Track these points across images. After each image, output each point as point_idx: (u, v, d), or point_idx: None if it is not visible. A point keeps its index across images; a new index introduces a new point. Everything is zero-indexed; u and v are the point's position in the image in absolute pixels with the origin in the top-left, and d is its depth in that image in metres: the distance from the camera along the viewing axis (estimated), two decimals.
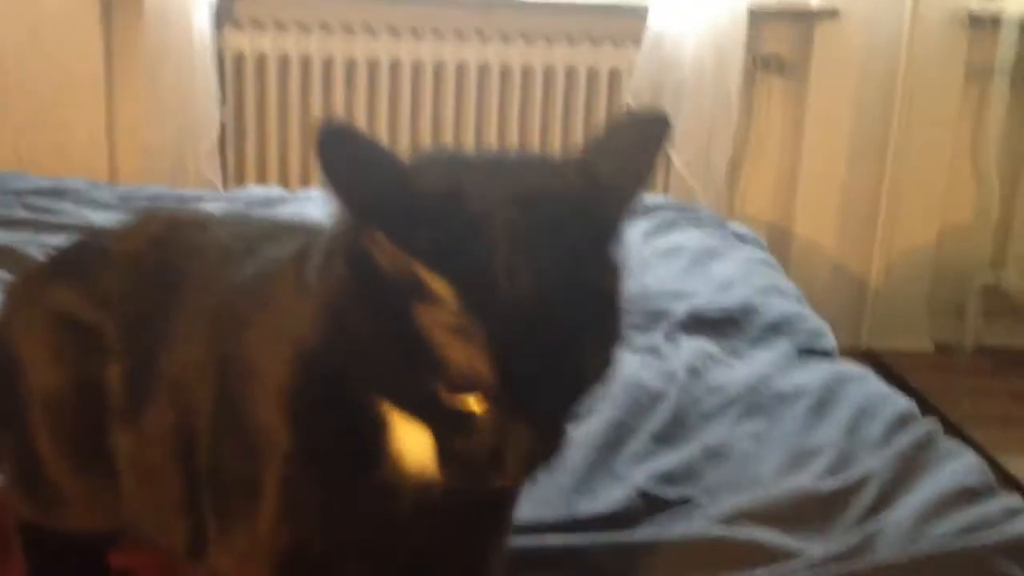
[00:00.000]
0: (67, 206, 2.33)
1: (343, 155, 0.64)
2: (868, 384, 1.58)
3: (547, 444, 0.68)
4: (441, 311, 0.63)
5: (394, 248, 0.64)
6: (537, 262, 0.64)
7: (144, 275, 0.93)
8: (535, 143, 3.19)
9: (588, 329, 0.66)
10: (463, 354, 0.63)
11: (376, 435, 0.72)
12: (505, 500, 0.86)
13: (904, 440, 1.36)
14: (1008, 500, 1.24)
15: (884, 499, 1.25)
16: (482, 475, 0.68)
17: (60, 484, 0.97)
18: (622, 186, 0.70)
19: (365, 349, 0.67)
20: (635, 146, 0.72)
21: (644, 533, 1.18)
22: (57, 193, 2.43)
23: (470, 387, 0.64)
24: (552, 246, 0.65)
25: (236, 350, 0.80)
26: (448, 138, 3.22)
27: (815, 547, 1.15)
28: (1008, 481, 2.37)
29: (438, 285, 0.63)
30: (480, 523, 0.85)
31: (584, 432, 1.42)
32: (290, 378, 0.75)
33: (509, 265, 0.63)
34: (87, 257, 0.98)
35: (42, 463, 0.96)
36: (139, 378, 0.89)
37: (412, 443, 0.71)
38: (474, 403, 0.65)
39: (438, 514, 0.73)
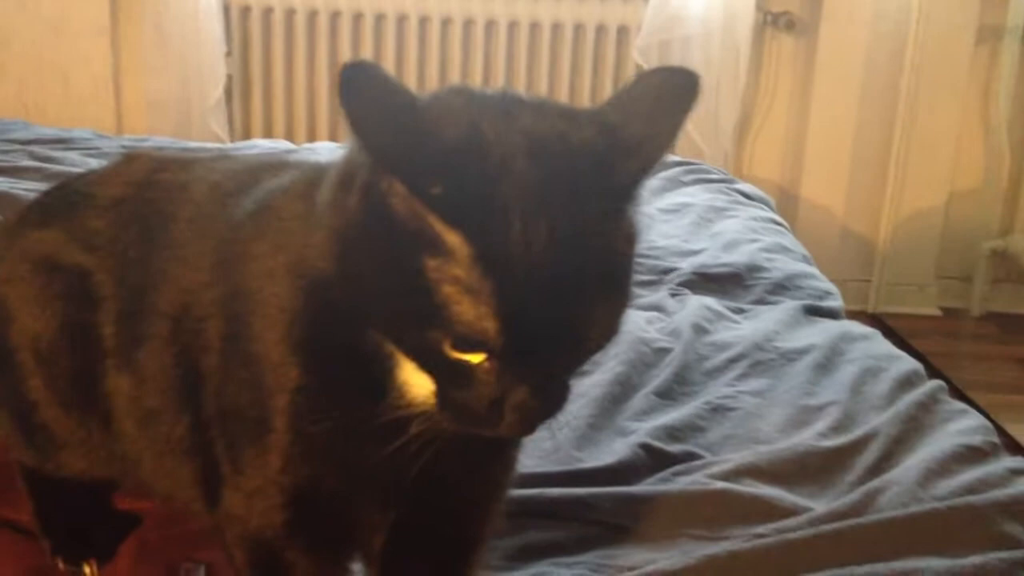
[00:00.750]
0: (73, 155, 2.32)
1: (366, 96, 0.63)
2: (874, 343, 1.57)
3: (547, 402, 0.68)
4: (451, 264, 0.63)
5: (411, 196, 0.63)
6: (552, 222, 0.63)
7: (130, 217, 0.92)
8: None
9: (597, 293, 0.65)
10: (470, 311, 0.63)
11: (382, 365, 0.71)
12: (510, 442, 0.86)
13: (909, 399, 1.35)
14: (1012, 461, 1.24)
15: (887, 457, 1.24)
16: (480, 425, 0.68)
17: (55, 430, 0.96)
18: (645, 146, 0.67)
19: (371, 289, 0.67)
20: (661, 105, 0.69)
21: (646, 486, 1.18)
22: (62, 142, 2.42)
23: (474, 344, 0.64)
24: (567, 206, 0.64)
25: (240, 282, 0.79)
26: None
27: (817, 504, 1.15)
28: (1013, 447, 2.37)
29: (451, 238, 0.63)
30: (485, 460, 0.85)
31: (588, 387, 1.42)
32: (297, 304, 0.74)
33: (523, 223, 0.62)
34: (70, 201, 0.97)
35: (36, 409, 0.96)
36: (132, 319, 0.88)
37: (418, 374, 0.70)
38: (476, 357, 0.65)
39: (444, 448, 0.72)
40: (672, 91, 0.70)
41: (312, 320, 0.74)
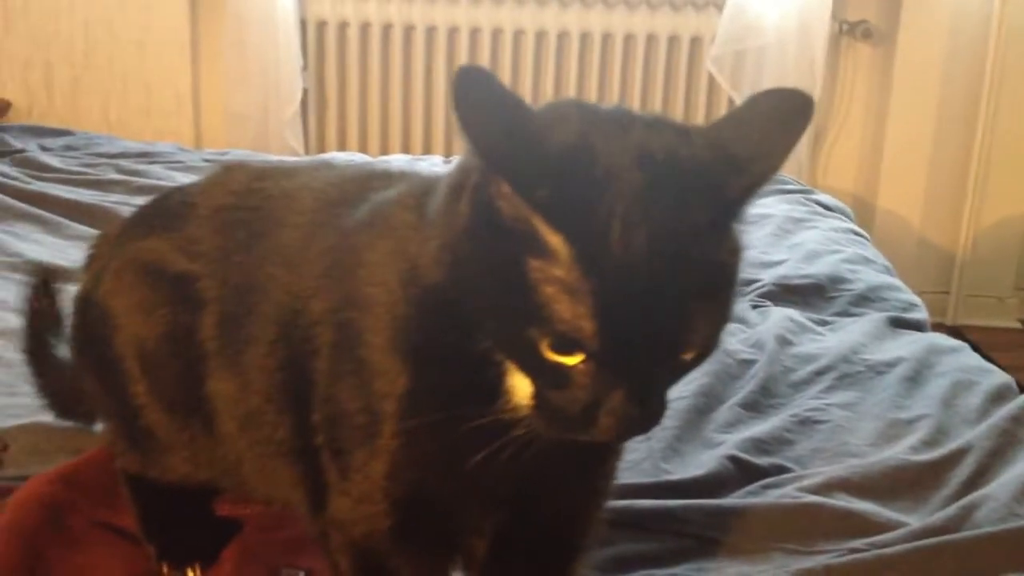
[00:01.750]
0: (157, 168, 2.38)
1: (478, 99, 0.65)
2: (964, 357, 1.55)
3: (643, 410, 0.68)
4: (553, 266, 0.64)
5: (517, 198, 0.65)
6: (654, 229, 0.64)
7: (235, 223, 0.93)
8: None
9: (696, 301, 0.66)
10: (569, 311, 0.64)
11: (490, 370, 0.71)
12: (610, 451, 0.87)
13: (1002, 413, 1.33)
14: None
15: (982, 472, 1.23)
16: (573, 430, 0.68)
17: (159, 434, 0.98)
18: (754, 164, 0.68)
19: (478, 290, 0.68)
20: (773, 125, 0.70)
21: (737, 499, 1.18)
22: (146, 156, 2.47)
23: (572, 344, 0.65)
24: (671, 215, 0.65)
25: (352, 290, 0.80)
26: None
27: (911, 519, 1.14)
28: None
29: (554, 240, 0.64)
30: (586, 468, 0.86)
31: (672, 400, 1.41)
32: (408, 312, 0.75)
33: (625, 229, 0.63)
34: (173, 211, 0.99)
35: (141, 414, 0.98)
36: (236, 322, 0.89)
37: (524, 379, 0.71)
38: (573, 359, 0.66)
39: (545, 454, 0.72)
40: (785, 112, 0.70)
41: (422, 327, 0.75)
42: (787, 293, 1.85)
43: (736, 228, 0.70)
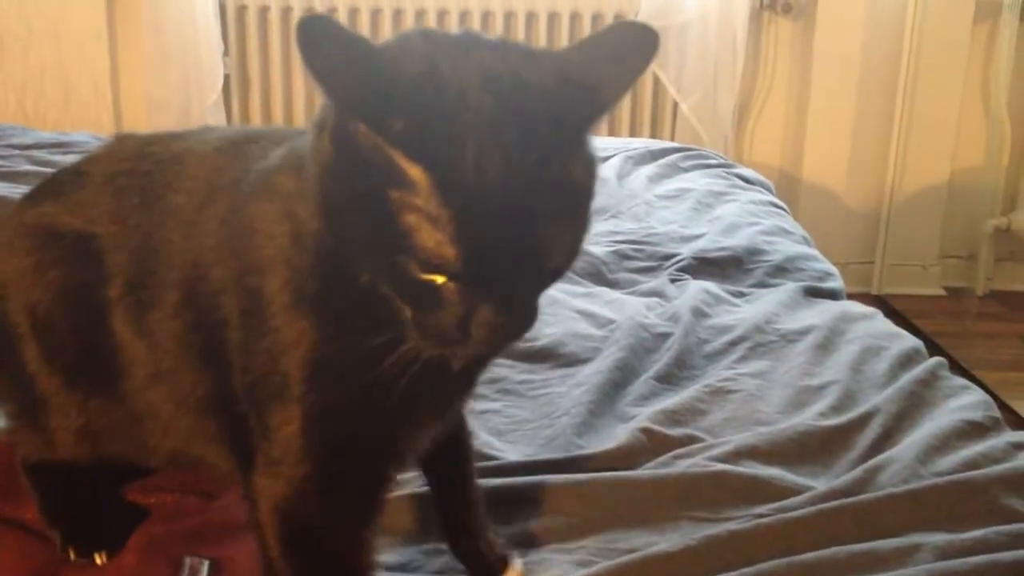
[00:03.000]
0: (72, 159, 2.32)
1: (324, 46, 0.67)
2: (874, 323, 1.57)
3: (512, 318, 0.72)
4: (413, 196, 0.67)
5: (373, 135, 0.67)
6: (505, 154, 0.67)
7: (128, 188, 0.93)
8: None
9: (550, 218, 0.69)
10: (431, 238, 0.67)
11: (384, 308, 0.74)
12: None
13: (910, 377, 1.35)
14: (1013, 435, 1.23)
15: (888, 435, 1.24)
16: (451, 345, 0.72)
17: (55, 403, 0.97)
18: (599, 91, 0.71)
19: (347, 226, 0.72)
20: (619, 55, 0.73)
21: (646, 470, 1.18)
22: (61, 146, 2.42)
23: (437, 268, 0.68)
24: (520, 139, 0.67)
25: (252, 257, 0.82)
26: None
27: (818, 483, 1.15)
28: (1019, 423, 2.37)
29: (412, 171, 0.67)
30: (474, 380, 0.92)
31: (588, 374, 1.42)
32: (303, 264, 0.78)
33: (478, 155, 0.66)
34: (65, 181, 0.98)
35: (35, 384, 0.96)
36: (140, 284, 0.89)
37: None
38: (441, 278, 0.69)
39: (446, 378, 0.80)
40: (631, 44, 0.73)
41: (317, 278, 0.78)
42: (706, 266, 1.87)
43: (589, 145, 0.73)
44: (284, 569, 0.85)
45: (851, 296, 1.83)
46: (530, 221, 0.68)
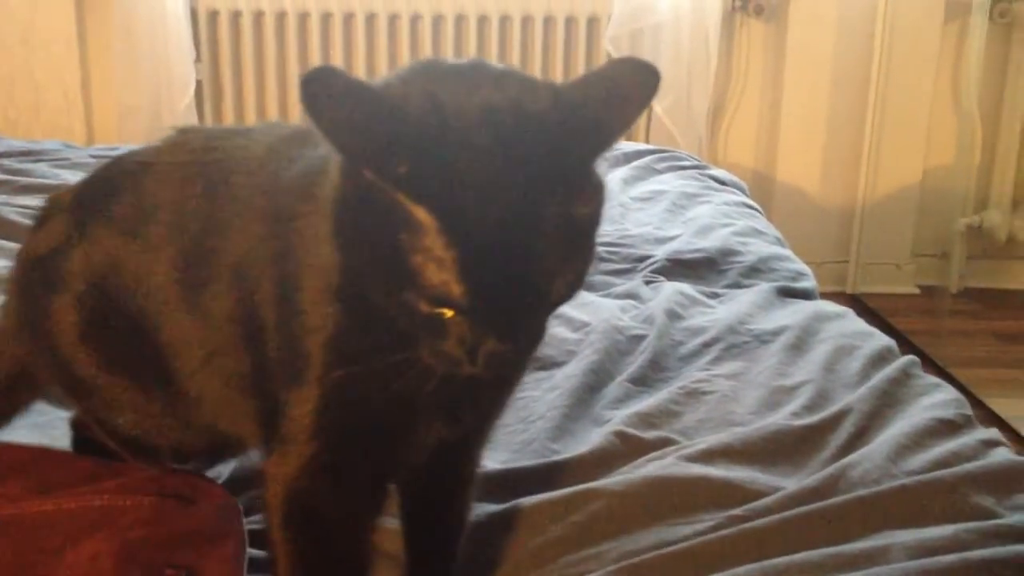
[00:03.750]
0: (43, 167, 2.31)
1: (326, 99, 0.69)
2: (847, 322, 1.58)
3: (517, 345, 0.74)
4: (419, 237, 0.69)
5: (380, 181, 0.69)
6: (505, 192, 0.68)
7: (193, 176, 0.97)
8: None
9: (552, 254, 0.71)
10: (437, 276, 0.69)
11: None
12: (510, 380, 0.94)
13: (882, 375, 1.36)
14: (984, 432, 1.24)
15: (860, 434, 1.25)
16: (461, 368, 0.75)
17: (115, 401, 1.03)
18: (598, 129, 0.73)
19: (358, 257, 0.74)
20: (620, 94, 0.74)
21: (618, 476, 1.18)
22: (31, 154, 2.41)
23: (443, 304, 0.71)
24: (520, 176, 0.69)
25: (290, 243, 0.85)
26: None
27: (790, 483, 1.15)
28: (994, 420, 2.39)
29: (418, 213, 0.68)
30: (494, 394, 0.94)
31: (562, 378, 1.42)
32: (335, 263, 0.80)
33: (479, 195, 0.68)
34: (129, 171, 1.02)
35: (95, 383, 1.02)
36: (195, 265, 0.93)
37: None
38: (449, 314, 0.72)
39: (458, 388, 0.82)
40: (633, 82, 0.74)
41: (347, 278, 0.80)
42: (680, 268, 1.87)
43: (593, 177, 0.74)
44: (283, 546, 0.88)
45: (826, 295, 1.84)
46: (532, 257, 0.70)
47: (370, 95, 0.71)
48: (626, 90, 0.74)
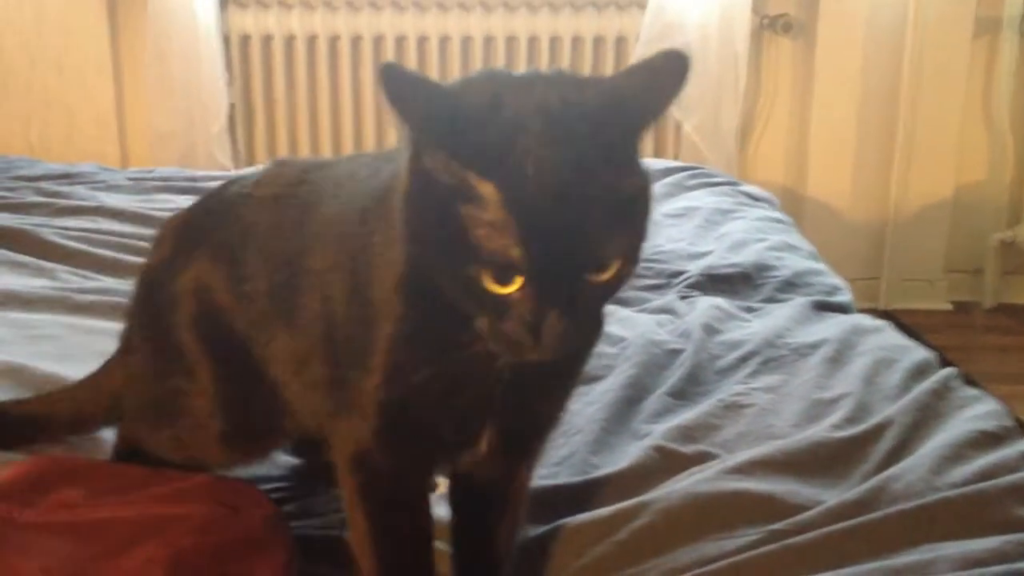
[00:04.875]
0: (80, 189, 2.34)
1: (401, 86, 0.77)
2: (885, 335, 1.57)
3: (579, 325, 0.80)
4: (482, 210, 0.76)
5: (446, 159, 0.77)
6: (555, 167, 0.76)
7: (287, 207, 1.07)
8: None
9: (602, 222, 0.77)
10: (498, 243, 0.76)
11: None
12: (567, 372, 0.99)
13: (922, 388, 1.35)
14: None
15: (902, 446, 1.24)
16: (523, 351, 0.80)
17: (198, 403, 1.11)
18: (639, 111, 0.81)
19: (426, 244, 0.81)
20: (657, 79, 0.82)
21: (660, 491, 1.18)
22: (68, 177, 2.44)
23: (506, 270, 0.77)
24: (571, 154, 0.77)
25: (365, 252, 0.93)
26: None
27: (831, 495, 1.15)
28: None
29: (483, 187, 0.76)
30: (550, 388, 0.99)
31: (600, 393, 1.43)
32: (401, 262, 0.89)
33: (534, 170, 0.76)
34: (232, 200, 1.13)
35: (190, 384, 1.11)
36: (288, 286, 1.02)
37: None
38: (511, 289, 0.78)
39: (517, 377, 0.88)
40: (665, 69, 0.82)
41: (411, 280, 0.88)
42: (715, 283, 1.87)
43: (638, 163, 0.82)
44: (356, 503, 0.98)
45: (858, 312, 1.83)
46: (583, 223, 0.76)
47: (437, 87, 0.80)
48: (660, 76, 0.82)
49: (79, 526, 1.01)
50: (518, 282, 0.77)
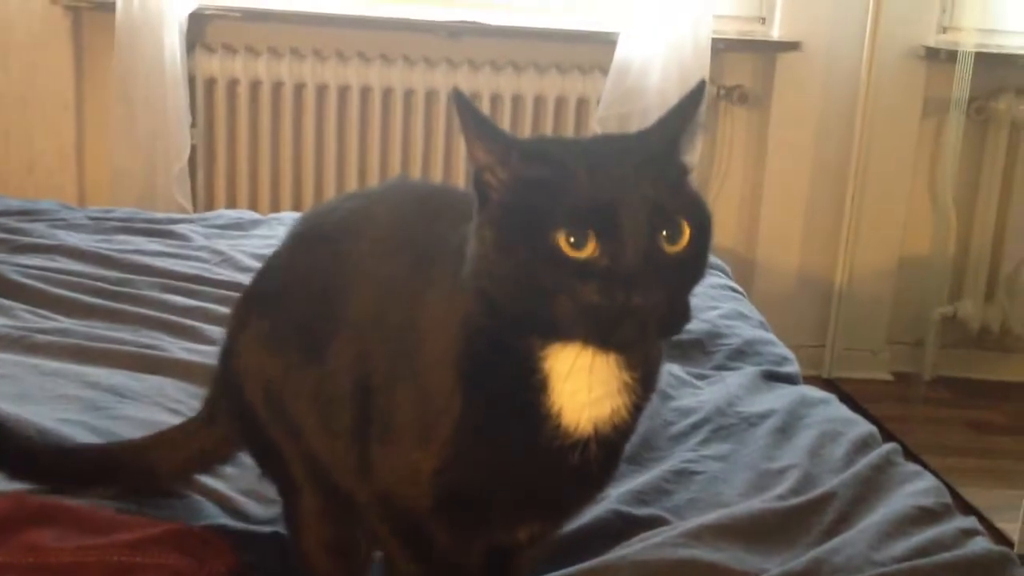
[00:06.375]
0: (40, 227, 2.34)
1: (474, 111, 0.89)
2: (832, 408, 1.62)
3: (667, 307, 0.84)
4: (565, 177, 0.87)
5: (521, 168, 0.88)
6: (609, 167, 0.87)
7: (314, 243, 1.13)
8: None
9: (662, 197, 0.86)
10: (572, 203, 0.85)
11: (538, 395, 0.90)
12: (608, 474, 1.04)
13: (865, 462, 1.40)
14: (963, 522, 1.28)
15: (843, 518, 1.28)
16: (614, 328, 0.83)
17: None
18: (668, 119, 0.94)
19: (503, 236, 0.87)
20: (680, 103, 0.94)
21: (612, 555, 1.20)
22: (28, 214, 2.43)
23: (583, 220, 0.84)
24: (619, 159, 0.88)
25: (415, 313, 0.96)
26: (417, 163, 3.25)
27: (774, 564, 1.18)
28: (966, 509, 2.42)
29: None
30: (598, 483, 1.03)
31: None
32: (460, 346, 0.92)
33: (590, 166, 0.87)
34: (274, 267, 1.18)
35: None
36: (319, 321, 1.06)
37: (569, 399, 0.90)
38: (588, 251, 0.83)
39: (577, 466, 0.92)
40: (687, 95, 0.95)
41: (473, 358, 0.92)
42: (670, 348, 1.90)
43: (675, 156, 0.92)
44: (387, 537, 1.04)
45: (802, 379, 1.88)
46: (645, 186, 0.85)
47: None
48: (682, 101, 0.94)
49: (44, 569, 1.02)
50: (592, 244, 0.83)
